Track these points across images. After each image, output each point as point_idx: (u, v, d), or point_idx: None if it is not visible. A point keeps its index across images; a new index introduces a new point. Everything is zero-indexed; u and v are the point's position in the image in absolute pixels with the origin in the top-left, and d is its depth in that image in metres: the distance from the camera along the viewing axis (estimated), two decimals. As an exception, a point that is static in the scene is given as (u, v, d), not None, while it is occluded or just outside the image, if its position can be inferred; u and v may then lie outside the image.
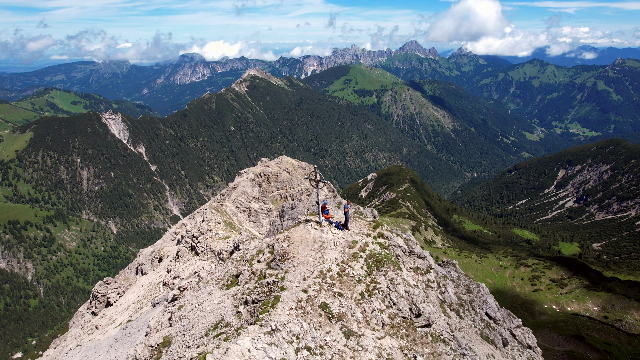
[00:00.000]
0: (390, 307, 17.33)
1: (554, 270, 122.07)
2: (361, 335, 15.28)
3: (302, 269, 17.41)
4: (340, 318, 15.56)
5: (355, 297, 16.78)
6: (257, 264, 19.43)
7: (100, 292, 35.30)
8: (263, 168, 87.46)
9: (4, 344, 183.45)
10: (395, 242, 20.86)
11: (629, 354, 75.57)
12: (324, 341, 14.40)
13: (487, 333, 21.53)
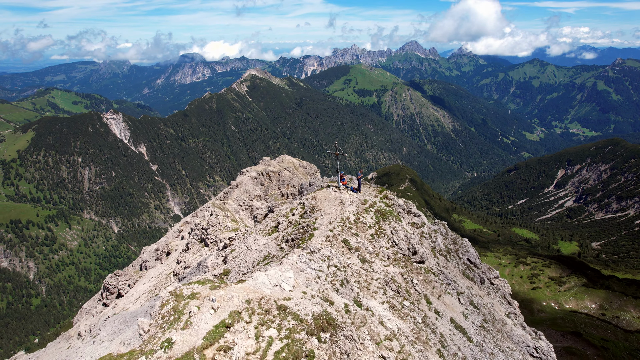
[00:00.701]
0: (393, 246, 22.95)
1: (553, 269, 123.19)
2: (372, 262, 20.64)
3: (328, 217, 23.10)
4: (357, 249, 21.03)
5: (367, 237, 22.52)
6: (292, 216, 25.37)
7: (111, 284, 36.41)
8: (265, 167, 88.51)
9: (7, 342, 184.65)
10: (396, 202, 26.86)
11: (625, 350, 76.71)
12: (346, 263, 19.73)
13: (468, 273, 27.39)
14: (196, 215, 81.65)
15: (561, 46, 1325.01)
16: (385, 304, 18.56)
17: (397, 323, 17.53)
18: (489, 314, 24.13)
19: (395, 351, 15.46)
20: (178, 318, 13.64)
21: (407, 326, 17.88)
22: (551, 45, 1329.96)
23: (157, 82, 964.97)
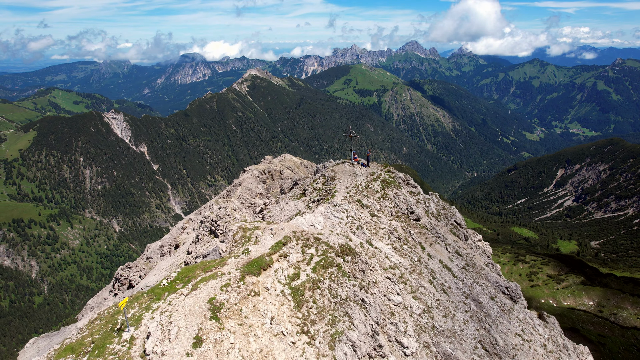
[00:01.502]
0: (395, 207, 29.09)
1: (552, 267, 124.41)
2: (379, 217, 27.07)
3: (344, 184, 29.72)
4: (368, 207, 27.37)
5: (375, 198, 28.78)
6: (316, 184, 32.47)
7: (122, 275, 37.65)
8: (267, 165, 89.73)
9: (10, 340, 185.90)
10: (398, 175, 33.63)
11: (622, 346, 77.94)
12: (360, 216, 25.80)
13: (455, 231, 33.20)
14: (199, 213, 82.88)
15: (561, 46, 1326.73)
16: (389, 246, 24.46)
17: (399, 259, 23.14)
18: (470, 260, 30.03)
19: (397, 276, 21.40)
20: (248, 240, 20.38)
21: (406, 262, 23.61)
22: (551, 45, 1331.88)
23: (157, 82, 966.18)
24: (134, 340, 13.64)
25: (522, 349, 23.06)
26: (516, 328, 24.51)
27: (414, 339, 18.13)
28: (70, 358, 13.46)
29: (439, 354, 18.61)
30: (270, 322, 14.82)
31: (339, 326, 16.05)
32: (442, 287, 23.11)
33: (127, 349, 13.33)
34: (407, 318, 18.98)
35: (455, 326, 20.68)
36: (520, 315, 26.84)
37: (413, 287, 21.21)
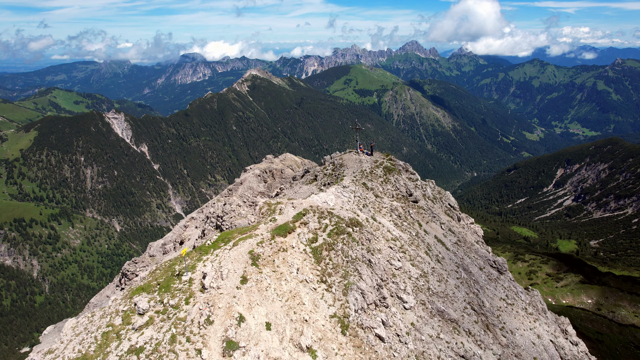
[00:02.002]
0: (396, 190, 32.41)
1: (551, 265, 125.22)
2: (382, 198, 30.39)
3: (351, 170, 33.06)
4: (372, 189, 30.52)
5: (378, 182, 32.08)
6: (326, 170, 35.76)
7: (129, 270, 38.44)
8: (268, 165, 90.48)
9: (12, 339, 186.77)
10: (398, 163, 37.42)
11: (619, 343, 78.73)
12: (365, 196, 29.11)
13: (449, 212, 36.68)
14: (201, 211, 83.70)
15: (561, 46, 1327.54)
16: (391, 222, 27.93)
17: (399, 233, 26.86)
18: (462, 237, 33.58)
19: (397, 246, 25.11)
20: (273, 212, 24.71)
21: (405, 235, 27.20)
22: (551, 45, 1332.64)
23: (157, 82, 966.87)
24: (192, 280, 17.36)
25: (506, 310, 27.19)
26: (501, 294, 28.49)
27: (412, 296, 21.87)
28: (143, 294, 16.79)
29: (434, 310, 22.40)
30: (297, 272, 19.13)
31: (350, 279, 20.04)
32: (437, 257, 27.02)
33: (188, 286, 17.04)
34: (406, 280, 22.59)
35: (448, 289, 24.48)
36: (505, 284, 30.34)
37: (411, 256, 25.07)
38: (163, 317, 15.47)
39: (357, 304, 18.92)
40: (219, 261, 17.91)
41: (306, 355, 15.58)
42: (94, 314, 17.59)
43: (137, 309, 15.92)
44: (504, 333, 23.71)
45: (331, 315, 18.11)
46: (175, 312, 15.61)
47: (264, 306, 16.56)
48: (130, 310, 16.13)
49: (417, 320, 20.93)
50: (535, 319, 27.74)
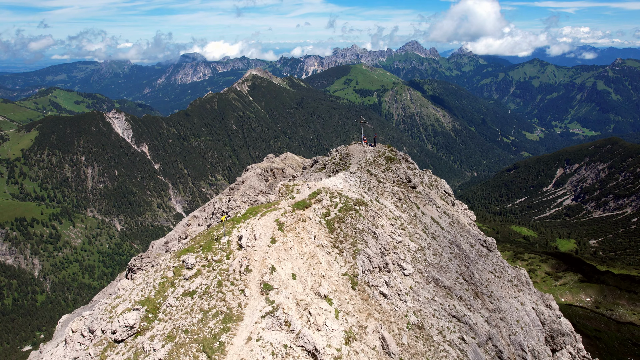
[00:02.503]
0: (396, 176, 35.66)
1: (550, 264, 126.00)
2: (384, 183, 33.67)
3: (356, 159, 36.41)
4: (375, 175, 33.81)
5: (380, 170, 35.21)
6: (333, 159, 39.75)
7: (135, 265, 39.20)
8: (269, 164, 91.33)
9: (13, 337, 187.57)
10: (399, 153, 40.21)
11: (617, 340, 79.59)
12: (369, 181, 32.06)
13: (444, 198, 40.54)
14: (204, 210, 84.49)
15: (561, 46, 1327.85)
16: (392, 204, 31.50)
17: (399, 213, 30.40)
18: (455, 219, 36.88)
19: (398, 224, 28.58)
20: (291, 191, 28.40)
21: (404, 215, 30.62)
22: (551, 45, 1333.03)
23: (158, 82, 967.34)
24: (230, 242, 21.14)
25: (493, 282, 30.41)
26: (489, 267, 31.71)
27: (411, 265, 24.94)
28: (190, 254, 20.23)
29: (429, 278, 25.52)
30: (314, 238, 22.90)
31: (358, 246, 23.53)
32: (432, 235, 30.39)
33: (227, 246, 20.91)
34: (405, 252, 25.79)
35: (442, 262, 27.53)
36: (493, 260, 33.53)
37: (410, 233, 28.37)
38: (209, 269, 19.04)
39: (364, 266, 22.62)
40: (252, 227, 21.80)
41: (324, 302, 19.29)
42: (148, 271, 21.54)
43: (185, 264, 19.41)
44: (491, 300, 27.22)
45: (343, 274, 21.84)
46: (218, 265, 19.28)
47: (290, 262, 20.48)
48: (179, 266, 19.54)
49: (414, 285, 24.22)
50: (519, 290, 31.15)
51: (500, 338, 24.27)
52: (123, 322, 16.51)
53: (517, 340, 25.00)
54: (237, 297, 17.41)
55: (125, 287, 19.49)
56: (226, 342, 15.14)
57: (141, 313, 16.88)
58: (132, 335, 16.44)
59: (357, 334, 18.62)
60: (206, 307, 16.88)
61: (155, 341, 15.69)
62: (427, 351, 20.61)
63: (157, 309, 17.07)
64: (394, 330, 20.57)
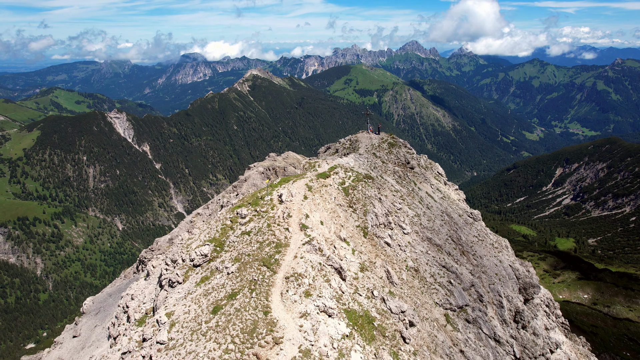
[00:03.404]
0: (397, 159, 41.21)
1: (548, 262, 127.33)
2: (387, 164, 38.98)
3: (364, 144, 42.47)
4: (379, 157, 39.09)
5: (384, 153, 40.94)
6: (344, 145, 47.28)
7: (146, 258, 40.59)
8: (271, 162, 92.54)
9: (16, 335, 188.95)
10: (399, 140, 45.97)
11: (613, 335, 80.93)
12: (374, 162, 37.15)
13: (437, 178, 46.39)
14: (207, 207, 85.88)
15: (561, 46, 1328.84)
16: (394, 180, 36.73)
17: (399, 187, 35.98)
18: (447, 195, 42.68)
19: (398, 195, 33.93)
20: (314, 167, 35.05)
21: (404, 189, 36.09)
22: (551, 45, 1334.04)
23: (158, 82, 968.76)
24: (272, 199, 26.64)
25: (477, 244, 36.08)
26: (474, 233, 37.23)
27: (409, 227, 30.62)
28: (242, 207, 25.88)
29: (424, 237, 31.22)
30: (334, 199, 29.07)
31: (368, 207, 29.36)
32: (427, 205, 35.92)
33: (270, 201, 26.33)
34: (404, 216, 31.44)
35: (435, 226, 33.09)
36: (477, 227, 39.16)
37: (408, 203, 34.02)
38: (258, 217, 24.50)
39: (373, 221, 28.30)
40: (288, 189, 27.81)
41: (343, 243, 25.43)
42: (209, 221, 27.36)
43: (239, 215, 25.03)
44: (475, 257, 32.56)
45: (356, 226, 27.75)
46: (265, 214, 24.81)
47: (318, 213, 26.49)
48: (234, 217, 25.19)
49: (412, 241, 29.94)
50: (499, 251, 36.43)
51: (482, 286, 29.90)
52: (199, 252, 21.92)
53: (495, 289, 30.67)
54: (283, 233, 22.95)
55: (194, 231, 25.97)
56: (279, 259, 20.67)
57: (211, 247, 22.46)
58: (207, 262, 21.86)
59: (368, 266, 24.73)
60: (261, 239, 22.26)
61: (226, 263, 21.05)
62: (421, 287, 26.59)
63: (223, 244, 22.73)
64: (395, 268, 26.61)
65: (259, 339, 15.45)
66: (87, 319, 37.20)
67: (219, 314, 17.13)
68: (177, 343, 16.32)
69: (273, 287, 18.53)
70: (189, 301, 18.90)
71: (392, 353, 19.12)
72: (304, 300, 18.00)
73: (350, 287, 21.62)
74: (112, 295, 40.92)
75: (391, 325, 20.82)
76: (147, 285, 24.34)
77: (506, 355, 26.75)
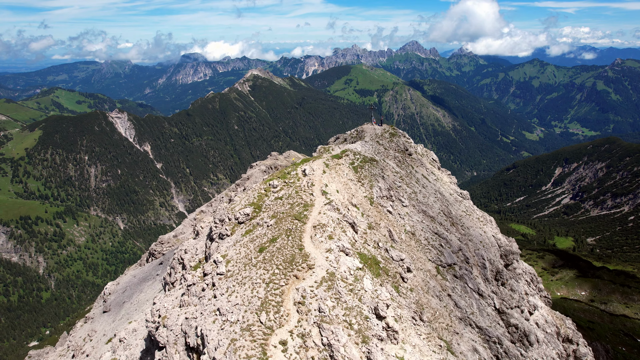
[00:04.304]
0: (397, 146, 45.95)
1: (547, 260, 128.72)
2: (388, 150, 43.81)
3: (369, 134, 47.26)
4: (382, 144, 43.98)
5: (386, 141, 45.30)
6: (352, 134, 52.32)
7: (156, 250, 41.84)
8: (273, 161, 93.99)
9: (20, 333, 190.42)
10: (399, 131, 51.09)
11: (609, 331, 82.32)
12: (378, 148, 42.04)
13: (432, 163, 53.80)
14: (210, 205, 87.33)
15: (561, 46, 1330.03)
16: (394, 163, 41.41)
17: (399, 169, 40.72)
18: (440, 177, 50.27)
19: (398, 176, 38.59)
20: (327, 150, 41.35)
21: (403, 171, 40.91)
22: (551, 46, 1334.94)
23: (158, 82, 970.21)
24: (297, 173, 31.37)
25: (465, 217, 41.43)
26: (463, 208, 43.22)
27: (407, 201, 35.77)
28: (274, 179, 30.65)
29: (420, 209, 36.02)
30: (346, 174, 33.51)
31: (373, 182, 34.33)
32: (422, 185, 40.85)
33: (296, 174, 31.17)
34: (403, 192, 36.75)
35: (429, 201, 38.26)
36: (466, 204, 45.35)
37: (407, 182, 39.11)
38: (287, 187, 29.59)
39: (377, 193, 33.29)
40: (310, 165, 32.81)
41: (354, 208, 30.31)
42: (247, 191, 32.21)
43: (272, 186, 29.75)
44: (463, 228, 37.66)
45: (364, 196, 32.77)
46: (293, 184, 29.93)
47: (334, 184, 31.57)
48: (267, 187, 29.82)
49: (409, 212, 35.00)
50: (484, 224, 42.64)
51: (468, 250, 34.67)
52: (242, 212, 26.72)
53: (480, 253, 35.47)
54: (309, 197, 28.12)
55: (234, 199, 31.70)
56: (307, 214, 25.64)
57: (251, 209, 27.26)
58: (249, 219, 26.57)
59: (374, 226, 29.81)
60: (291, 202, 27.29)
61: (265, 219, 25.57)
62: (417, 246, 31.73)
63: (260, 207, 27.41)
64: (396, 230, 31.81)
65: (296, 266, 20.46)
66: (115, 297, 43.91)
67: (264, 252, 21.86)
68: (234, 273, 21.03)
69: (304, 233, 23.64)
70: (238, 247, 23.46)
71: (394, 286, 24.34)
72: (328, 241, 23.18)
73: (360, 238, 26.73)
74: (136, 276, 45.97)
75: (393, 268, 25.88)
76: (196, 242, 29.10)
77: (487, 306, 31.51)
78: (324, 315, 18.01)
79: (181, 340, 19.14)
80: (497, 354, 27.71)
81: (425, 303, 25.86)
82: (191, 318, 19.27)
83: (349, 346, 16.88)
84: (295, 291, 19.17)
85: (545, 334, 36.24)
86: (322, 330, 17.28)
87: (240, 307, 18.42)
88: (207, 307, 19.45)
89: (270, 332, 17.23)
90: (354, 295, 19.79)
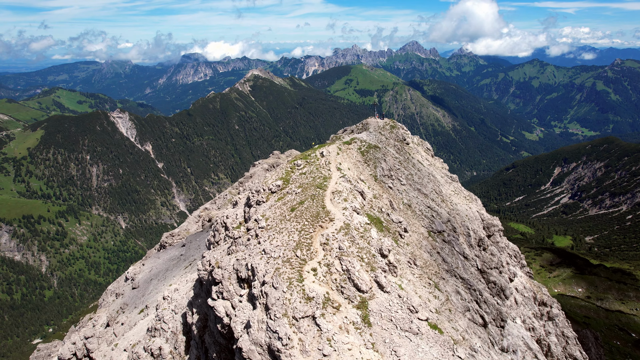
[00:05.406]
0: (396, 137, 49.60)
1: (544, 258, 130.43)
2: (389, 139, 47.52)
3: (372, 126, 50.86)
4: (383, 135, 48.10)
5: (387, 132, 49.46)
6: (357, 126, 55.93)
7: (167, 242, 43.51)
8: (275, 160, 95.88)
9: (23, 331, 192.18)
10: (399, 124, 54.85)
11: (604, 326, 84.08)
12: (380, 137, 46.30)
13: (426, 152, 58.44)
14: (214, 202, 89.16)
15: (561, 46, 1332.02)
16: (394, 150, 45.53)
17: (398, 155, 45.18)
18: (432, 163, 54.95)
19: (397, 161, 42.63)
20: (339, 138, 48.67)
21: (401, 157, 45.15)
22: (551, 46, 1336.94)
23: (159, 82, 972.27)
24: (316, 155, 36.05)
25: (454, 195, 47.14)
26: (452, 188, 49.47)
27: (405, 180, 40.71)
28: (298, 160, 35.24)
29: (415, 188, 40.99)
30: (355, 156, 38.49)
31: (377, 163, 39.30)
32: (418, 168, 45.72)
33: (315, 156, 35.82)
34: (401, 173, 41.66)
35: (423, 182, 43.67)
36: (455, 185, 51.41)
37: (404, 165, 43.90)
38: (309, 165, 34.38)
39: (380, 172, 38.19)
40: (326, 148, 37.70)
41: (362, 182, 34.91)
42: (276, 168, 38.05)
43: (296, 165, 34.35)
44: (452, 204, 43.84)
45: (370, 174, 37.54)
46: (314, 162, 34.71)
47: (346, 163, 36.45)
48: (292, 166, 34.59)
49: (406, 189, 39.81)
50: (470, 202, 48.72)
51: (455, 222, 40.23)
52: (274, 184, 31.52)
53: (465, 224, 40.91)
54: (327, 172, 33.28)
55: (266, 175, 36.06)
56: (326, 184, 30.98)
57: (281, 182, 31.94)
58: (280, 189, 31.23)
59: (378, 197, 34.59)
60: (313, 176, 32.53)
61: (293, 188, 30.59)
62: (412, 215, 36.89)
63: (288, 180, 32.28)
64: (395, 201, 36.81)
65: (321, 219, 26.23)
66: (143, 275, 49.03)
67: (295, 210, 27.47)
68: (272, 226, 26.48)
69: (325, 197, 29.36)
70: (274, 209, 28.62)
71: (394, 239, 29.65)
72: (344, 202, 28.79)
73: (367, 204, 32.06)
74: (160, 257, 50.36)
75: (393, 228, 31.42)
76: (235, 210, 34.15)
77: (471, 267, 36.89)
78: (342, 251, 23.81)
79: (233, 275, 24.61)
80: (477, 299, 32.59)
81: (418, 255, 31.39)
82: (241, 259, 24.82)
83: (361, 272, 22.54)
84: (320, 236, 24.99)
85: (523, 297, 42.34)
86: (341, 261, 23.02)
87: (281, 248, 24.05)
88: (254, 250, 25.05)
89: (304, 262, 22.98)
90: (364, 240, 25.72)
